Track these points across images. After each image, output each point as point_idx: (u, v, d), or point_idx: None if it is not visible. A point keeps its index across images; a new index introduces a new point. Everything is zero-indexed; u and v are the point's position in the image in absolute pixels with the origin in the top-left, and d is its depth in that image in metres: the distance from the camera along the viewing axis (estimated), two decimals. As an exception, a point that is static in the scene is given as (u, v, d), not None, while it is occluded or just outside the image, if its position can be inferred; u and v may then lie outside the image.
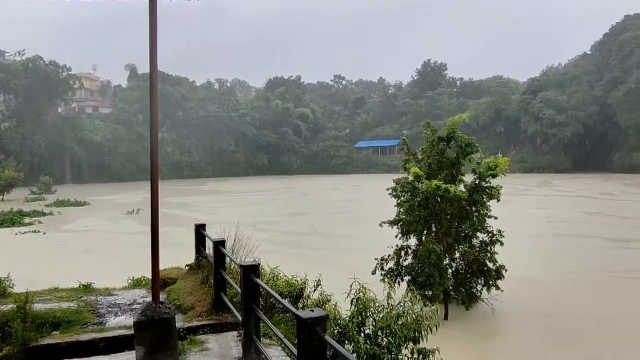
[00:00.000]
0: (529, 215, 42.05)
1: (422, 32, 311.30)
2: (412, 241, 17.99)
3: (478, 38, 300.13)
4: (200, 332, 6.82)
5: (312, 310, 3.85)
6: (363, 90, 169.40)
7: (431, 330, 8.20)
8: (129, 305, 7.99)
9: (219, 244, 7.27)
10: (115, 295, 8.70)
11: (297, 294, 8.22)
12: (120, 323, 7.05)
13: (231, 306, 6.82)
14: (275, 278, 8.58)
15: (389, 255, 17.81)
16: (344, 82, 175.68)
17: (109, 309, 7.78)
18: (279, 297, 4.97)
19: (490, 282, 17.40)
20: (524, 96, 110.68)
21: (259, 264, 5.66)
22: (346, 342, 7.73)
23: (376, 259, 17.85)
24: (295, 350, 3.98)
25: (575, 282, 22.03)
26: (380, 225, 18.47)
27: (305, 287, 8.49)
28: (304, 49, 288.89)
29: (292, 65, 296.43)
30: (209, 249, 8.24)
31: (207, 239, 8.87)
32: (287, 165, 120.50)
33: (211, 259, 7.71)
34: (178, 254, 11.14)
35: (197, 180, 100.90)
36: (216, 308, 7.27)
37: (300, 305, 7.99)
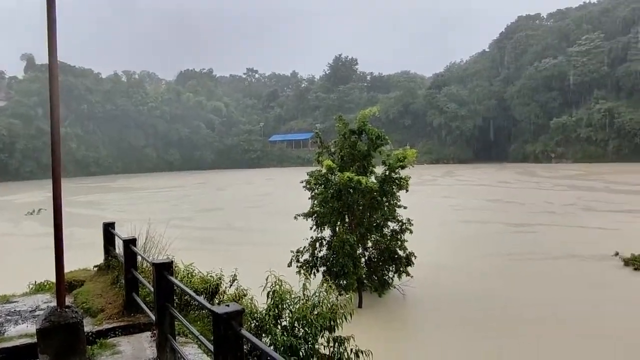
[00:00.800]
0: (436, 204, 44.07)
1: (334, 26, 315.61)
2: (327, 232, 18.27)
3: (388, 34, 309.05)
4: (112, 335, 6.52)
5: (228, 305, 3.81)
6: (276, 83, 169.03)
7: (346, 319, 8.38)
8: (30, 312, 7.47)
9: (130, 243, 6.97)
10: (15, 302, 8.08)
11: (213, 290, 8.09)
12: (22, 331, 6.57)
13: (144, 306, 6.59)
14: (190, 275, 8.40)
15: (304, 247, 17.99)
16: (257, 75, 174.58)
17: (8, 317, 7.21)
18: (193, 294, 4.86)
19: (401, 269, 18.11)
20: (429, 91, 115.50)
21: (172, 262, 5.50)
22: (263, 335, 7.72)
23: (292, 251, 17.98)
24: (211, 347, 3.92)
25: (479, 265, 23.25)
26: (295, 217, 18.62)
27: (221, 282, 8.38)
28: (216, 41, 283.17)
29: (204, 58, 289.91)
30: (119, 248, 7.90)
31: (116, 238, 8.48)
32: (200, 160, 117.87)
33: (121, 258, 7.39)
34: (85, 255, 10.60)
35: (105, 177, 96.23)
36: (128, 309, 6.98)
37: (217, 302, 7.89)
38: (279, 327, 7.91)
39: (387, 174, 18.21)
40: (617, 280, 20.09)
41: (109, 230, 8.78)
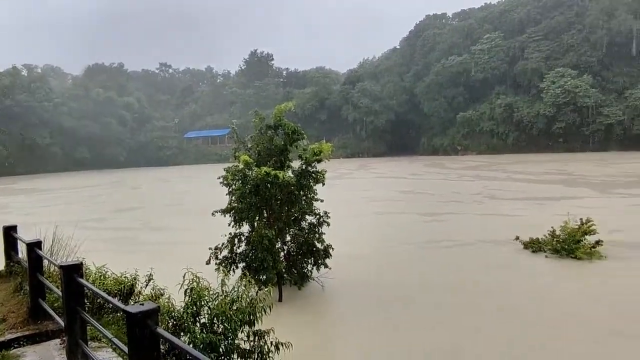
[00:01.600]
0: (353, 197, 45.01)
1: (250, 22, 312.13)
2: (245, 228, 18.15)
3: (302, 30, 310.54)
4: (15, 345, 6.10)
5: (142, 304, 3.69)
6: (191, 79, 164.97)
7: (265, 312, 8.39)
8: None
9: (34, 246, 6.55)
10: None
11: (127, 292, 7.81)
12: None
13: (52, 312, 6.23)
14: (102, 277, 8.05)
15: (223, 244, 17.77)
16: (170, 70, 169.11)
17: None
18: (105, 296, 4.69)
19: (320, 262, 18.36)
20: (344, 86, 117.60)
21: (81, 263, 5.23)
22: (182, 334, 7.57)
23: (210, 248, 17.70)
24: (126, 349, 3.78)
25: (396, 254, 24.05)
26: (213, 214, 18.33)
27: (136, 283, 8.10)
28: (126, 34, 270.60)
29: (114, 52, 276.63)
30: (23, 252, 7.41)
31: (19, 241, 7.95)
32: (112, 158, 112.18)
33: (25, 263, 6.94)
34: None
35: (6, 178, 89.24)
36: (34, 317, 6.56)
37: (132, 303, 7.61)
38: (198, 324, 7.78)
39: (303, 168, 18.35)
40: (517, 262, 21.56)
41: (10, 234, 8.19)
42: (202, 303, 7.87)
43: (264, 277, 16.55)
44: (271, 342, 8.68)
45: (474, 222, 31.09)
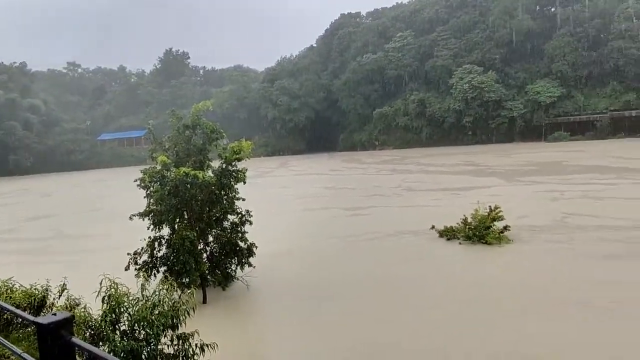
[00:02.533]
0: (276, 195, 45.03)
1: (163, 19, 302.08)
2: (166, 231, 17.64)
3: (218, 27, 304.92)
4: None
5: (55, 314, 3.50)
6: (102, 78, 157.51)
7: (188, 314, 8.24)
8: None
9: None
10: None
11: (38, 304, 7.40)
12: None
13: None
14: (9, 291, 7.56)
15: (142, 248, 17.18)
16: (79, 70, 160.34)
17: None
18: (12, 309, 4.39)
19: (244, 261, 18.23)
20: (262, 85, 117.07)
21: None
22: (101, 343, 7.27)
23: (129, 253, 17.04)
24: (38, 363, 3.56)
25: (320, 250, 24.27)
26: (131, 218, 17.66)
27: (48, 294, 7.68)
28: (26, 33, 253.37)
29: (12, 51, 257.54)
30: None
31: None
32: (16, 165, 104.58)
33: None
34: None
35: None
36: None
37: (44, 315, 7.20)
38: (118, 332, 7.51)
39: (224, 167, 18.10)
40: (433, 250, 22.52)
41: None
42: (122, 310, 7.60)
43: (187, 279, 16.19)
44: (196, 345, 8.53)
45: (394, 214, 32.05)
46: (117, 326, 7.52)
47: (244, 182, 18.45)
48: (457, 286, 17.49)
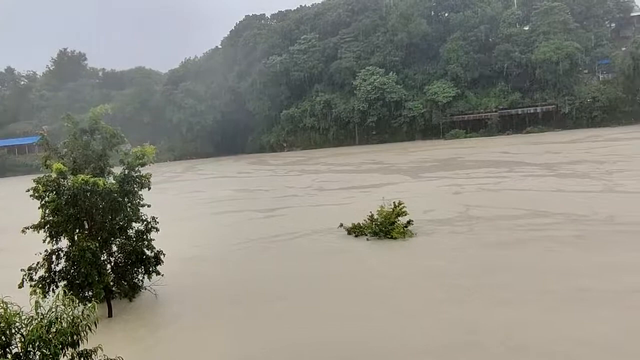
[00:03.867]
0: (185, 199, 43.83)
1: (56, 17, 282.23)
2: (65, 243, 16.47)
3: (118, 27, 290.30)
4: None
5: None
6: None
7: (91, 330, 7.72)
8: None
9: None
10: None
11: None
12: None
13: None
14: None
15: (38, 263, 15.92)
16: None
17: None
18: None
19: (151, 270, 17.47)
20: (166, 87, 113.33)
21: None
22: (-10, 369, 6.62)
23: (22, 269, 15.71)
24: None
25: (235, 253, 23.84)
26: (24, 231, 16.23)
27: None
28: None
29: None
30: None
31: None
32: None
33: None
34: None
35: None
36: None
37: None
38: (10, 355, 6.87)
39: (126, 173, 17.24)
40: (341, 248, 22.97)
41: None
42: (13, 331, 6.96)
43: (90, 293, 15.27)
44: (99, 360, 8.02)
45: (308, 214, 32.28)
46: (8, 349, 6.88)
47: (149, 188, 17.68)
48: (366, 280, 18.01)
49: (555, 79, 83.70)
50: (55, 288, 15.49)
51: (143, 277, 17.71)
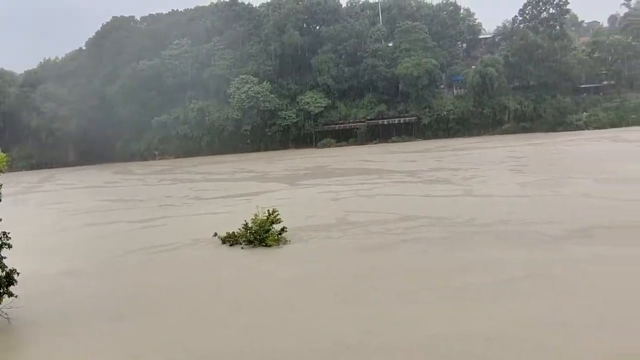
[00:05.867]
0: (51, 211, 39.94)
1: None
2: None
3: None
4: None
5: None
6: None
7: None
8: None
9: None
10: None
11: None
12: None
13: None
14: None
15: None
16: None
17: None
18: None
19: (2, 291, 15.31)
20: (22, 89, 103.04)
21: None
22: None
23: None
24: None
25: (110, 266, 22.23)
26: None
27: None
28: None
29: None
30: None
31: None
32: None
33: None
34: None
35: None
36: None
37: None
38: None
39: (-30, 184, 15.01)
40: (215, 257, 22.55)
41: None
42: None
43: None
44: None
45: (183, 224, 31.16)
46: None
47: (-1, 200, 15.53)
48: (236, 289, 17.86)
49: (417, 93, 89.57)
50: None
51: (-9, 301, 15.48)
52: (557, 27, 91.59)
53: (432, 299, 15.23)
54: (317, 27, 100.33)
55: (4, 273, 15.43)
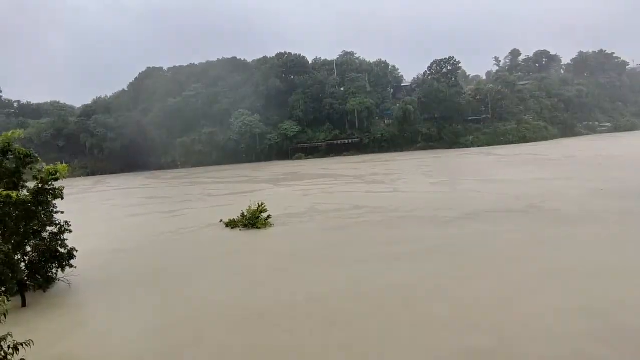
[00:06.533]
0: (101, 206, 38.30)
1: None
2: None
3: (31, 68, 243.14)
4: None
5: None
6: None
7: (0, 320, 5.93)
8: None
9: None
10: None
11: None
12: None
13: None
14: None
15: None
16: None
17: None
18: None
19: (65, 264, 14.56)
20: (80, 118, 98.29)
21: None
22: None
23: None
24: None
25: (144, 244, 21.23)
26: None
27: None
28: None
29: None
30: None
31: None
32: None
33: None
34: None
35: None
36: None
37: None
38: None
39: (40, 186, 14.17)
40: (220, 236, 21.90)
41: None
42: None
43: (4, 288, 12.12)
44: (8, 346, 6.19)
45: (199, 213, 29.96)
46: None
47: (62, 198, 14.76)
48: (238, 258, 17.28)
49: (360, 122, 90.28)
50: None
51: (57, 271, 14.67)
52: (453, 79, 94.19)
53: (377, 261, 15.25)
54: (292, 77, 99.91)
55: (66, 251, 14.69)
